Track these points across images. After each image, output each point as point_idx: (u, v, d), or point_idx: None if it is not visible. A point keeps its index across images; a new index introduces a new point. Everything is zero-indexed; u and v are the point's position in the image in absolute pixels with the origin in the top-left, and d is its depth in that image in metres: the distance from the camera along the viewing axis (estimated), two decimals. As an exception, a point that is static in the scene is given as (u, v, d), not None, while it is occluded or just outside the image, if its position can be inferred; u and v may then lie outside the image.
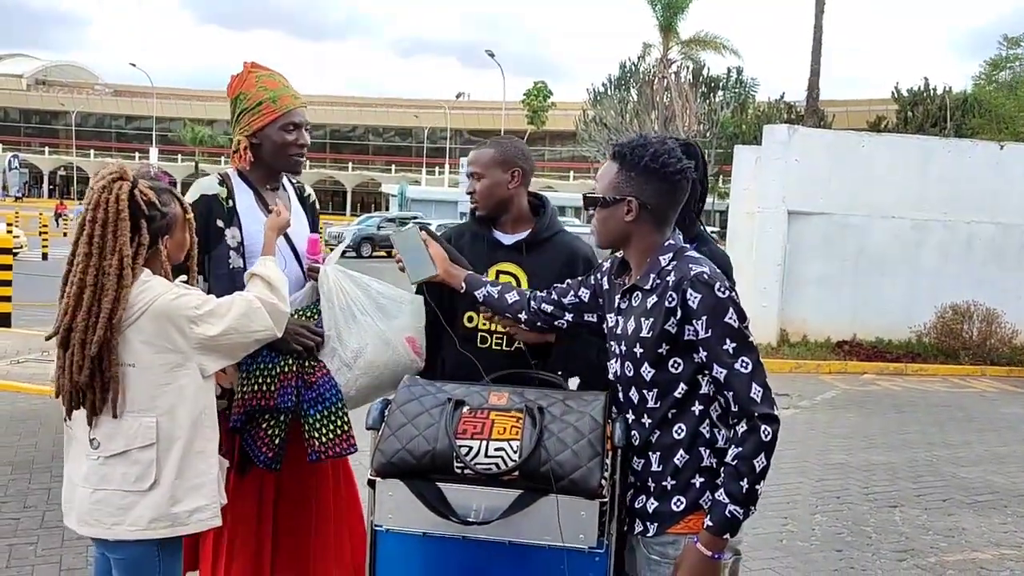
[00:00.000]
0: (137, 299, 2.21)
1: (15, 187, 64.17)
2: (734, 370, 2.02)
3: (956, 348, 11.47)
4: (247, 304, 2.32)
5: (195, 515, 2.28)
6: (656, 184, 2.12)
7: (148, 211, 2.25)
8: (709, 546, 2.01)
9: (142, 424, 2.23)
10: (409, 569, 2.16)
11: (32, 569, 4.09)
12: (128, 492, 2.22)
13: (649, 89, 32.99)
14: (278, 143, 2.70)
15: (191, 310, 2.24)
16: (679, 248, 2.16)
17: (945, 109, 29.04)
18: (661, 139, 2.17)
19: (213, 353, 2.29)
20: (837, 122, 32.66)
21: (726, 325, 2.03)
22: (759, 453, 2.01)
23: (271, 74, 2.74)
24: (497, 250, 2.73)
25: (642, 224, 2.15)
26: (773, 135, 11.96)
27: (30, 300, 13.11)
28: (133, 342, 2.22)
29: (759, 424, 2.01)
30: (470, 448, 2.05)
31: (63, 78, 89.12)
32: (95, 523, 2.25)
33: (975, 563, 4.80)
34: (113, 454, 2.24)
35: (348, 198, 76.45)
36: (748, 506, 2.01)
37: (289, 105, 2.70)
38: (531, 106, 63.21)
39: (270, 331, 2.35)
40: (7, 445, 6.03)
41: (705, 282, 2.04)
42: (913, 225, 11.95)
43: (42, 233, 25.12)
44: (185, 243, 2.40)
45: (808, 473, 6.42)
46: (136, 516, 2.23)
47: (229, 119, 2.77)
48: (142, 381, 2.23)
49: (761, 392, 2.02)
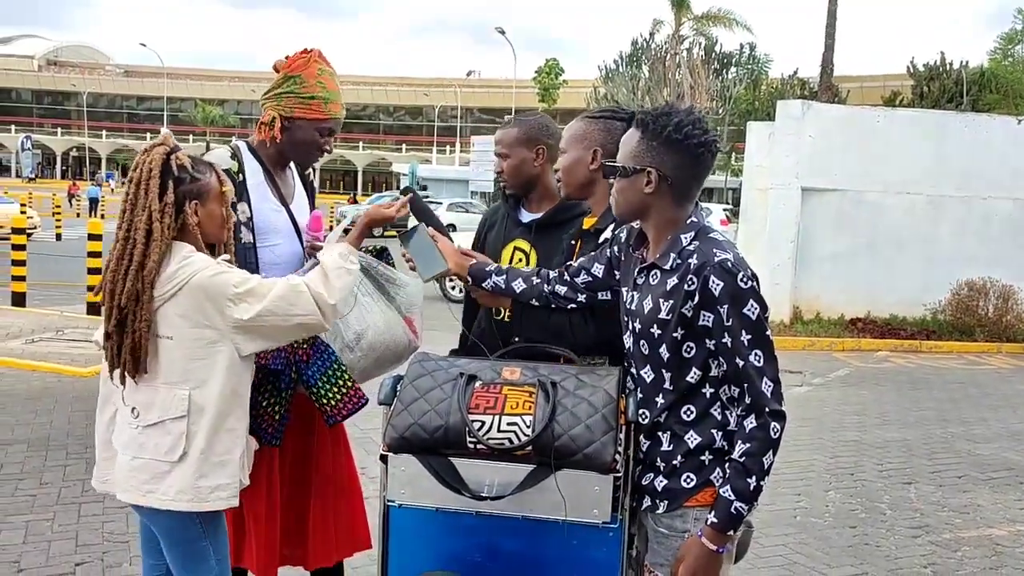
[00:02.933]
0: (177, 273, 2.24)
1: (28, 168, 64.44)
2: (749, 362, 1.98)
3: (972, 325, 11.39)
4: (290, 288, 2.29)
5: (216, 492, 2.29)
6: (678, 156, 2.05)
7: (178, 173, 2.29)
8: (714, 540, 2.00)
9: (176, 395, 2.26)
10: (421, 544, 2.15)
11: (48, 545, 4.12)
12: (160, 462, 2.27)
13: (661, 66, 32.75)
14: (308, 141, 2.69)
15: (230, 288, 2.23)
16: (701, 227, 2.09)
17: (962, 84, 28.70)
18: (688, 109, 2.09)
19: (251, 334, 2.27)
20: (852, 98, 32.30)
21: (745, 316, 1.98)
22: (767, 450, 1.98)
23: (331, 73, 2.72)
24: (515, 227, 2.76)
25: (662, 197, 2.08)
26: (787, 111, 11.84)
27: (44, 280, 13.20)
28: (170, 315, 2.25)
29: (769, 421, 1.98)
30: (483, 423, 2.03)
31: (74, 59, 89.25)
32: (131, 489, 2.32)
33: (990, 539, 4.78)
34: (149, 424, 2.29)
35: (359, 178, 76.43)
36: (752, 502, 2.00)
37: (336, 113, 2.70)
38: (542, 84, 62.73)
39: (314, 317, 2.30)
40: (23, 423, 6.07)
41: (729, 270, 1.98)
42: (929, 201, 11.83)
43: (55, 214, 25.28)
44: (220, 217, 2.38)
45: (822, 450, 6.40)
46: (166, 486, 2.27)
47: (268, 90, 2.69)
48: (177, 354, 2.26)
49: (772, 387, 1.99)
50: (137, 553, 4.02)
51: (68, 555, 4.02)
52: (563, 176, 2.58)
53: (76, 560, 3.97)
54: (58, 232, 23.74)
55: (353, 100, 79.60)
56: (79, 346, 8.43)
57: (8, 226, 13.46)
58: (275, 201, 2.71)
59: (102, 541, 4.19)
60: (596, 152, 2.49)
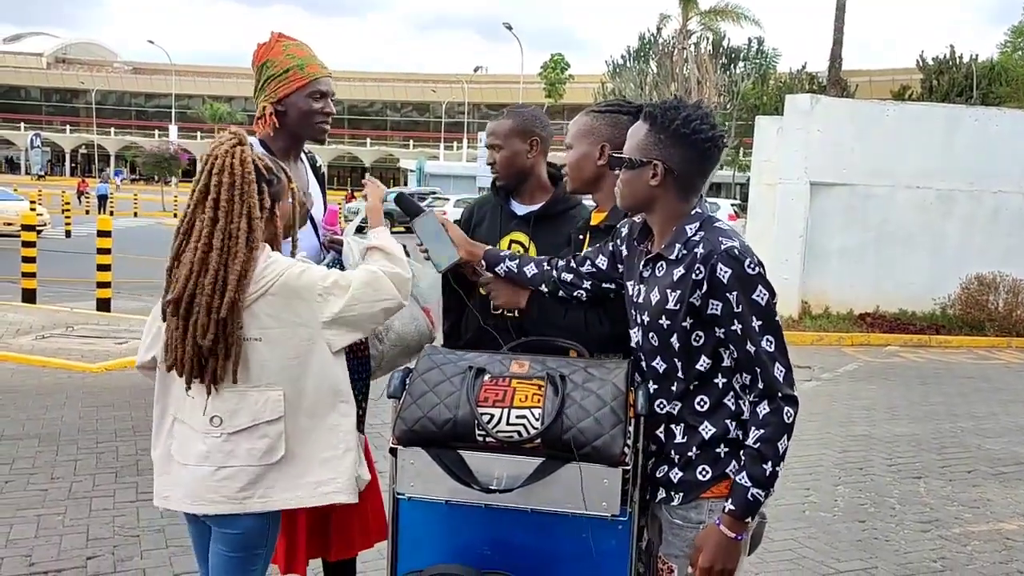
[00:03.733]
0: (264, 273, 2.19)
1: (37, 166, 64.68)
2: (760, 348, 1.99)
3: (981, 320, 11.35)
4: (370, 274, 2.29)
5: (321, 487, 2.26)
6: (685, 150, 2.06)
7: (267, 175, 2.27)
8: (732, 528, 2.00)
9: (269, 398, 2.21)
10: (431, 537, 2.15)
11: (60, 539, 4.15)
12: (256, 467, 2.21)
13: (668, 61, 32.62)
14: (304, 110, 2.67)
15: (318, 284, 2.22)
16: (706, 218, 2.10)
17: (971, 77, 28.51)
18: (696, 103, 2.11)
19: (341, 327, 2.25)
20: (860, 92, 32.16)
21: (754, 302, 1.99)
22: (782, 435, 1.98)
23: (298, 43, 2.73)
24: (511, 220, 2.77)
25: (667, 190, 2.09)
26: (795, 105, 11.81)
27: (54, 277, 13.26)
28: (260, 316, 2.19)
29: (782, 405, 1.98)
30: (492, 416, 2.03)
31: (82, 56, 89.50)
32: (221, 500, 2.22)
33: (1000, 534, 4.77)
34: (238, 430, 2.21)
35: (367, 174, 76.38)
36: (769, 488, 2.00)
37: (316, 73, 2.68)
38: (549, 79, 62.68)
39: (396, 300, 2.31)
40: (34, 418, 6.11)
41: (736, 257, 1.99)
42: (938, 195, 11.78)
43: (65, 211, 25.36)
44: (289, 213, 2.37)
45: (831, 445, 6.39)
46: (266, 488, 2.22)
47: (254, 88, 2.73)
48: (270, 355, 2.21)
49: (784, 372, 1.99)
50: (148, 547, 4.06)
51: (79, 549, 4.04)
52: (570, 172, 2.56)
53: (87, 554, 3.99)
54: (68, 229, 23.83)
55: (360, 96, 79.77)
56: (89, 342, 8.48)
57: (18, 223, 13.54)
58: None
59: (113, 535, 4.21)
60: (603, 147, 2.47)
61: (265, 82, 2.67)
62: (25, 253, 10.95)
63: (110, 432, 5.83)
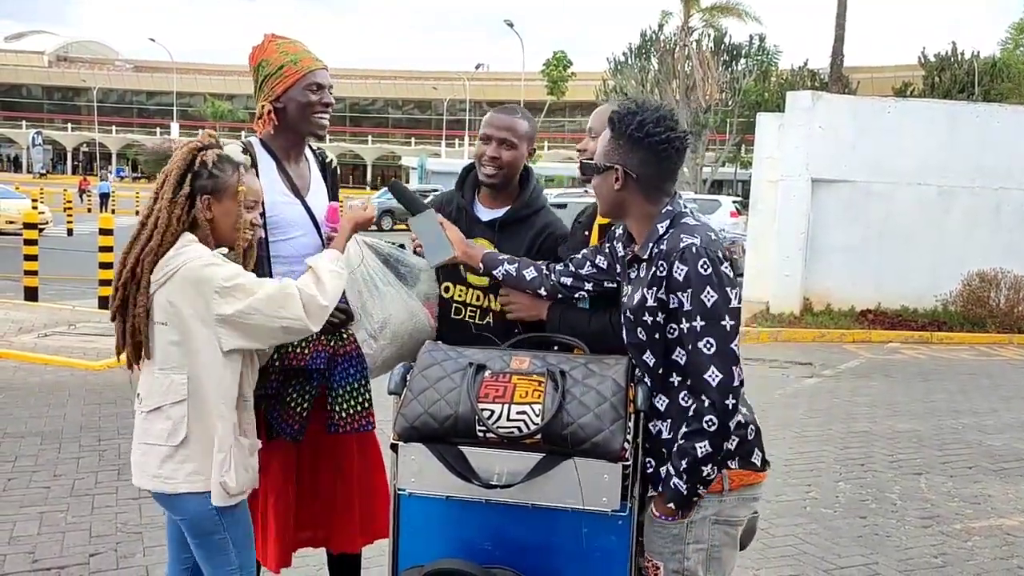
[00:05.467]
0: (171, 260, 2.27)
1: (39, 164, 64.70)
2: (696, 348, 2.00)
3: (983, 316, 11.33)
4: (280, 289, 2.29)
5: (214, 480, 2.31)
6: (641, 153, 2.10)
7: (197, 168, 2.34)
8: (657, 508, 2.10)
9: (174, 381, 2.30)
10: (432, 532, 2.17)
11: (63, 536, 4.16)
12: (163, 446, 2.31)
13: (670, 58, 32.62)
14: (302, 103, 2.67)
15: (218, 280, 2.25)
16: (676, 214, 2.12)
17: (973, 74, 28.46)
18: (656, 107, 2.12)
19: (233, 329, 2.27)
20: (862, 89, 32.10)
21: (701, 302, 2.00)
22: (702, 439, 2.00)
23: (291, 41, 2.75)
24: (474, 225, 2.75)
25: (632, 193, 2.13)
26: (796, 102, 11.79)
27: (56, 275, 13.28)
28: (163, 301, 2.29)
29: (704, 412, 2.00)
30: (492, 412, 2.04)
31: (83, 54, 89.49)
32: (143, 476, 2.36)
33: (1001, 530, 4.77)
34: (151, 409, 2.33)
35: (368, 172, 76.46)
36: (693, 483, 2.02)
37: (311, 66, 2.68)
38: (551, 76, 62.58)
39: (300, 322, 2.29)
40: (36, 416, 6.12)
41: (693, 255, 2.01)
42: (939, 192, 11.76)
43: (66, 209, 25.38)
44: (235, 216, 2.36)
45: (832, 441, 6.39)
46: (170, 470, 2.31)
47: (253, 90, 2.74)
48: (173, 340, 2.30)
49: (718, 379, 1.99)
50: (150, 544, 4.07)
51: (82, 546, 4.06)
52: None
53: (90, 551, 4.01)
54: (69, 227, 23.86)
55: (362, 94, 79.73)
56: (91, 340, 8.49)
57: (20, 222, 13.55)
58: (288, 194, 2.72)
59: (115, 532, 4.22)
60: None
61: (262, 82, 2.69)
62: (27, 251, 10.97)
63: (112, 430, 5.85)
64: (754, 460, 2.14)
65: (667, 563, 2.11)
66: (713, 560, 2.11)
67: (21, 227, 12.12)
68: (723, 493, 2.09)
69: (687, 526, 2.08)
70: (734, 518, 2.12)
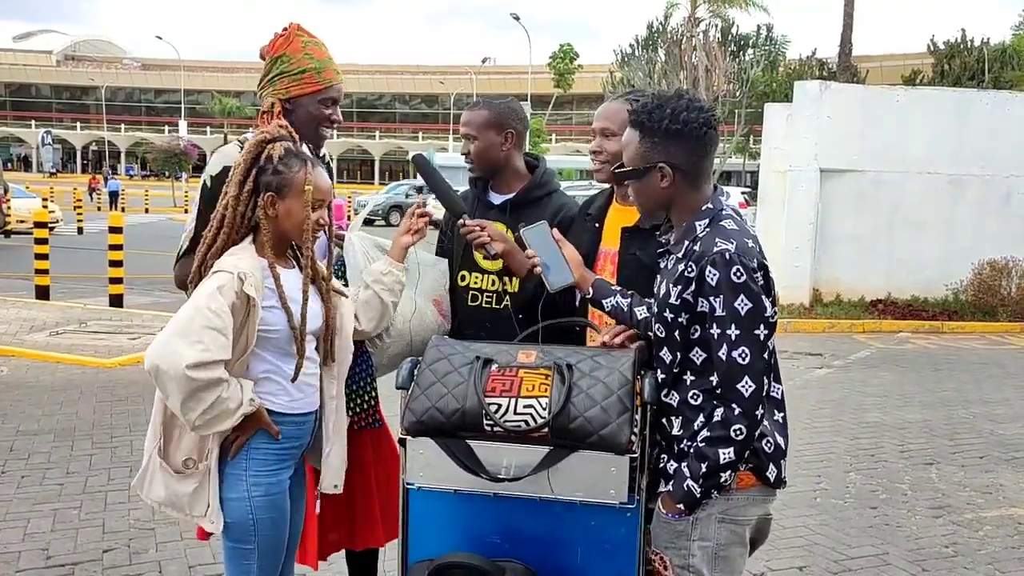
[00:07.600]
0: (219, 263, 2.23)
1: (49, 163, 64.95)
2: (731, 357, 1.99)
3: (994, 305, 11.27)
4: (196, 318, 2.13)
5: None
6: (683, 143, 2.07)
7: (263, 163, 2.25)
8: (664, 506, 2.09)
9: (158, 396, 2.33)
10: (440, 526, 2.17)
11: (76, 532, 4.19)
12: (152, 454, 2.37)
13: (677, 49, 32.44)
14: (313, 115, 2.62)
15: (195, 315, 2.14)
16: (715, 215, 2.09)
17: (983, 61, 28.20)
18: (676, 94, 2.09)
19: None
20: (871, 77, 31.88)
21: (735, 311, 1.98)
22: (726, 446, 1.98)
23: (317, 43, 2.66)
24: (488, 210, 2.77)
25: (680, 187, 2.10)
26: (805, 91, 11.74)
27: (67, 273, 13.34)
28: None
29: (733, 420, 1.98)
30: (499, 406, 2.05)
31: (91, 53, 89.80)
32: None
33: (1012, 519, 4.76)
34: None
35: (376, 167, 76.48)
36: (708, 487, 2.02)
37: (332, 80, 2.63)
38: (557, 69, 62.49)
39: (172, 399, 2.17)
40: (49, 414, 6.16)
41: (726, 261, 1.98)
42: (950, 180, 11.68)
43: (77, 208, 25.49)
44: (298, 214, 2.24)
45: (842, 432, 6.38)
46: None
47: (261, 77, 2.65)
48: None
49: (751, 390, 1.97)
50: (163, 540, 4.10)
51: (95, 542, 4.09)
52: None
53: (104, 547, 4.04)
54: (80, 226, 23.94)
55: (369, 89, 79.72)
56: (102, 338, 8.54)
57: (31, 221, 13.62)
58: None
59: (128, 528, 4.25)
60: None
61: (277, 76, 2.60)
62: (38, 250, 11.02)
63: (124, 427, 5.88)
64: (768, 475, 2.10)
65: (672, 558, 2.11)
66: (720, 559, 2.09)
67: (32, 226, 12.16)
68: (731, 492, 2.07)
69: (692, 523, 2.07)
70: (742, 517, 2.10)
